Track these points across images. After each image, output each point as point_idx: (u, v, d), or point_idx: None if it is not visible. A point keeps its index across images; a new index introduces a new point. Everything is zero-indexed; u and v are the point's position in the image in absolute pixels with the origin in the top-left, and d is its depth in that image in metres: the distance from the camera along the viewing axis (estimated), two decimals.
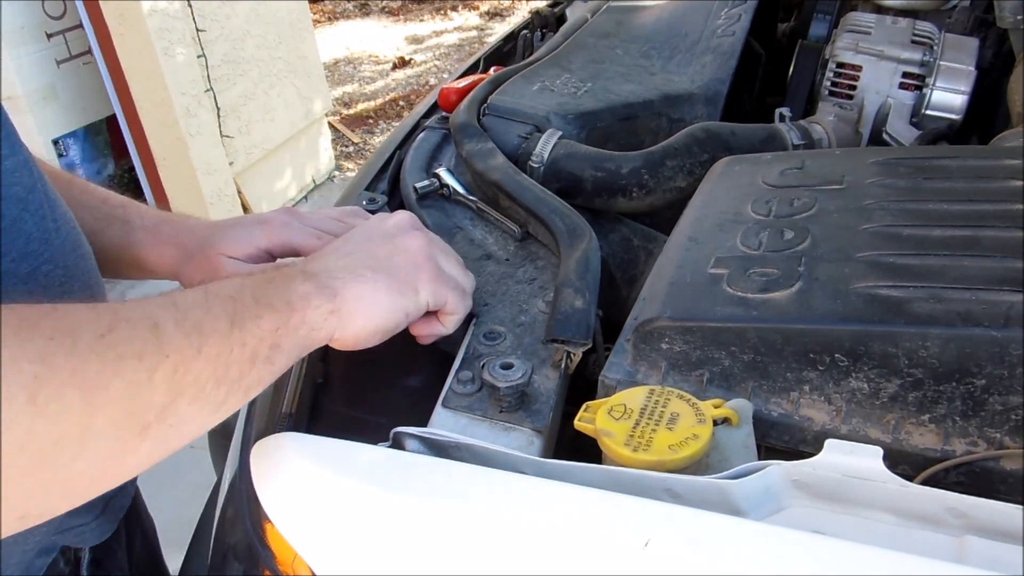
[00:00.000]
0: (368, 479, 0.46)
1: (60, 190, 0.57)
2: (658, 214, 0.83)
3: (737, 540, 0.39)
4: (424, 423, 0.54)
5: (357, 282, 0.53)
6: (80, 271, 0.55)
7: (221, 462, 0.77)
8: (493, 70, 1.16)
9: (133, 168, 2.68)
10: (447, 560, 0.42)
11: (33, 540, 0.57)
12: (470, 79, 1.04)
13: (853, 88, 0.98)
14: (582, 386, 0.60)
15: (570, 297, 0.59)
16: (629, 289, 0.75)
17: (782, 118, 0.95)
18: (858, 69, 0.98)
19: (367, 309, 0.52)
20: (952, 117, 0.94)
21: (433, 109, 1.02)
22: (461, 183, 0.82)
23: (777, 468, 0.44)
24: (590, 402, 0.50)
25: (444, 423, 0.54)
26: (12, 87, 2.28)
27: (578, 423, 0.49)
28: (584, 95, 0.92)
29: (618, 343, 0.55)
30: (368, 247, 0.56)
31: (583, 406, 0.50)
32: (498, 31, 4.96)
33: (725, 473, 0.44)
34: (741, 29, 1.05)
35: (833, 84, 0.99)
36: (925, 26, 1.00)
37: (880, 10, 1.08)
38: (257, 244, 0.66)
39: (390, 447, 0.50)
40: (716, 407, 0.49)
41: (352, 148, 3.82)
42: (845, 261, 0.53)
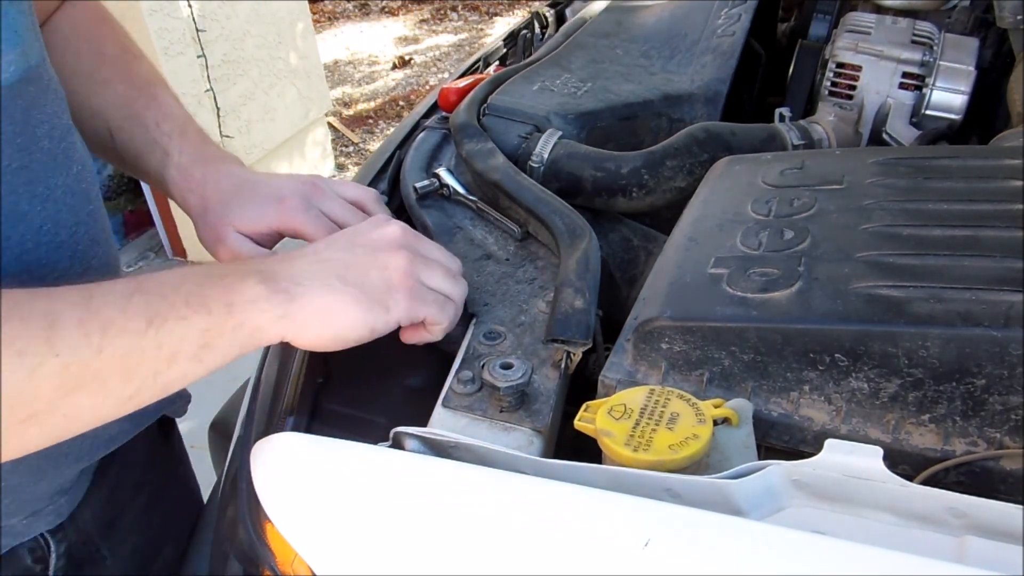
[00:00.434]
0: (368, 479, 0.46)
1: (130, 94, 0.61)
2: (658, 214, 0.83)
3: (737, 540, 0.39)
4: (424, 423, 0.54)
5: (321, 291, 0.52)
6: (89, 226, 0.56)
7: (221, 462, 0.77)
8: (493, 70, 1.16)
9: None
10: (447, 560, 0.42)
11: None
12: (470, 79, 1.04)
13: (853, 88, 0.98)
14: (582, 386, 0.60)
15: (570, 297, 0.59)
16: (629, 289, 0.75)
17: (782, 118, 0.95)
18: (858, 69, 0.98)
19: (325, 319, 0.52)
20: (952, 117, 0.94)
21: (433, 109, 1.02)
22: (461, 183, 0.82)
23: (777, 468, 0.44)
24: (590, 402, 0.50)
25: (444, 423, 0.54)
26: None
27: (578, 423, 0.49)
28: (584, 95, 0.92)
29: (618, 343, 0.55)
30: (346, 256, 0.55)
31: (583, 406, 0.50)
32: (498, 31, 4.96)
33: (725, 473, 0.44)
34: (741, 29, 1.05)
35: (833, 84, 0.99)
36: (925, 26, 1.00)
37: (880, 10, 1.08)
38: (268, 224, 0.65)
39: (390, 447, 0.50)
40: (716, 407, 0.49)
41: (352, 148, 3.82)
42: (845, 261, 0.53)
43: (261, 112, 2.94)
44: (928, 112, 0.95)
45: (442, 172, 0.82)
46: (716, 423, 0.48)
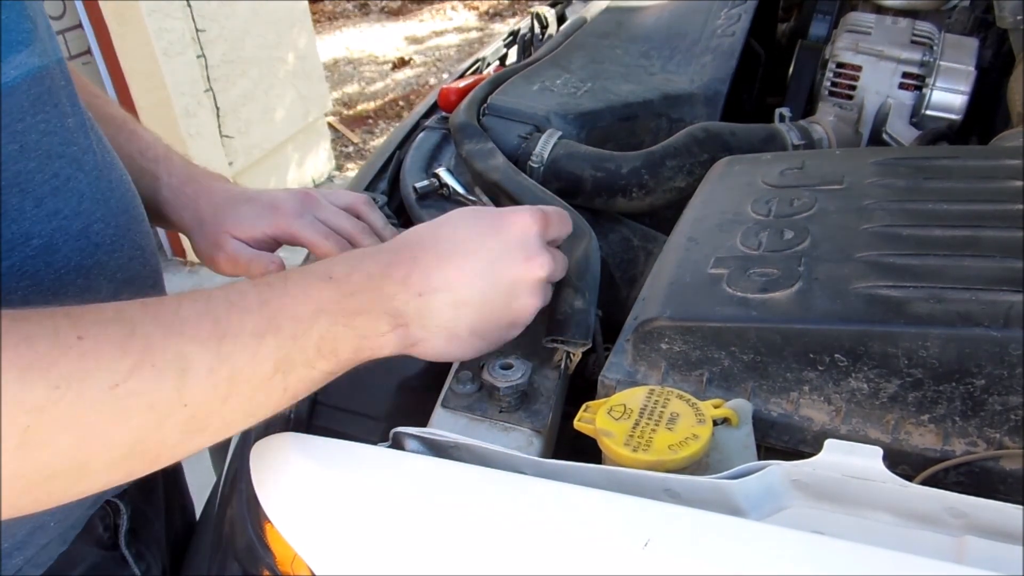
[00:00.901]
0: (368, 479, 0.46)
1: (109, 133, 0.59)
2: (658, 214, 0.83)
3: (737, 540, 0.39)
4: (424, 423, 0.54)
5: (448, 340, 0.50)
6: (132, 232, 0.57)
7: (221, 462, 0.77)
8: (493, 70, 1.16)
9: None
10: (447, 560, 0.42)
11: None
12: (470, 79, 1.04)
13: (853, 88, 0.98)
14: (582, 386, 0.60)
15: (570, 297, 0.59)
16: (629, 289, 0.75)
17: (782, 118, 0.95)
18: (858, 69, 0.98)
19: (446, 354, 0.51)
20: (952, 117, 0.94)
21: (433, 109, 1.02)
22: (461, 183, 0.82)
23: (777, 468, 0.44)
24: (590, 402, 0.50)
25: (444, 423, 0.54)
26: None
27: (578, 423, 0.49)
28: (584, 95, 0.92)
29: (618, 343, 0.55)
30: (484, 299, 0.50)
31: (583, 406, 0.50)
32: (498, 31, 4.96)
33: (725, 473, 0.44)
34: (741, 29, 1.05)
35: (833, 84, 0.99)
36: (925, 26, 1.00)
37: (880, 10, 1.08)
38: (264, 230, 0.66)
39: (390, 447, 0.50)
40: (716, 407, 0.49)
41: (352, 148, 3.82)
42: (845, 261, 0.53)
43: (261, 112, 2.94)
44: (928, 112, 0.95)
45: (442, 172, 0.82)
46: (716, 423, 0.48)
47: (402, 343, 0.49)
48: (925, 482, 0.45)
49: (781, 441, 0.51)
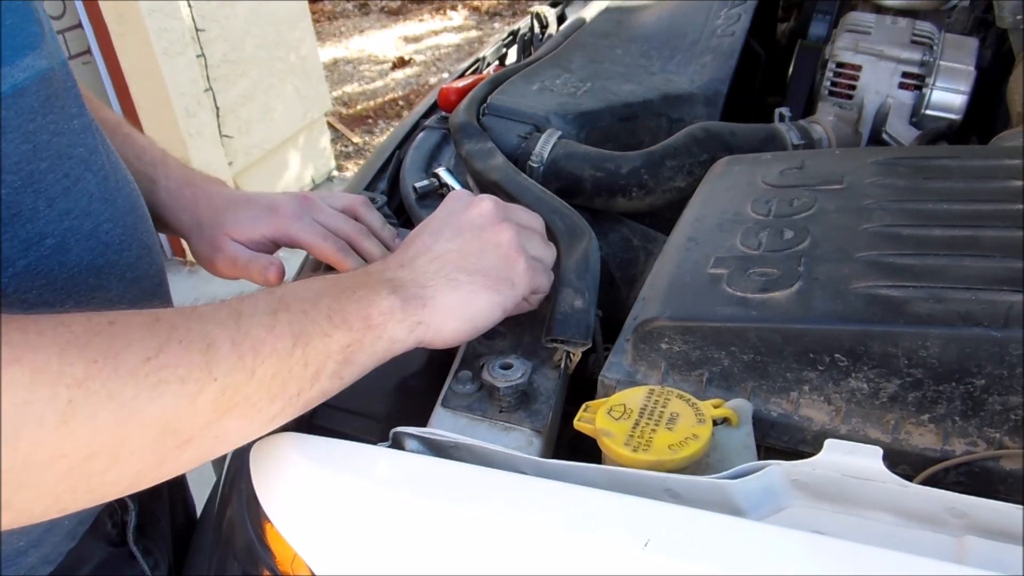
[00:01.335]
0: (368, 479, 0.46)
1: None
2: (658, 214, 0.83)
3: (737, 540, 0.39)
4: (424, 423, 0.54)
5: (450, 288, 0.52)
6: (139, 231, 0.57)
7: (221, 462, 0.77)
8: (493, 70, 1.16)
9: None
10: (447, 560, 0.42)
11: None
12: (470, 79, 1.04)
13: (853, 88, 0.98)
14: (582, 386, 0.60)
15: (570, 297, 0.59)
16: (629, 289, 0.75)
17: (782, 118, 0.95)
18: (858, 69, 0.98)
19: (459, 314, 0.52)
20: (952, 117, 0.94)
21: (433, 109, 1.02)
22: (460, 183, 0.82)
23: (777, 468, 0.44)
24: (590, 402, 0.50)
25: (444, 423, 0.54)
26: None
27: (578, 423, 0.49)
28: (584, 95, 0.92)
29: (618, 343, 0.55)
30: (457, 244, 0.54)
31: (583, 406, 0.50)
32: (498, 31, 4.96)
33: (725, 473, 0.44)
34: (741, 29, 1.05)
35: (833, 84, 0.99)
36: (925, 26, 1.00)
37: (880, 10, 1.08)
38: (262, 232, 0.67)
39: (390, 447, 0.50)
40: (716, 407, 0.49)
41: (352, 148, 3.82)
42: (845, 261, 0.53)
43: (261, 112, 2.94)
44: (928, 112, 0.95)
45: (442, 172, 0.82)
46: (716, 423, 0.48)
47: (410, 307, 0.50)
48: (925, 482, 0.45)
49: (781, 441, 0.51)
